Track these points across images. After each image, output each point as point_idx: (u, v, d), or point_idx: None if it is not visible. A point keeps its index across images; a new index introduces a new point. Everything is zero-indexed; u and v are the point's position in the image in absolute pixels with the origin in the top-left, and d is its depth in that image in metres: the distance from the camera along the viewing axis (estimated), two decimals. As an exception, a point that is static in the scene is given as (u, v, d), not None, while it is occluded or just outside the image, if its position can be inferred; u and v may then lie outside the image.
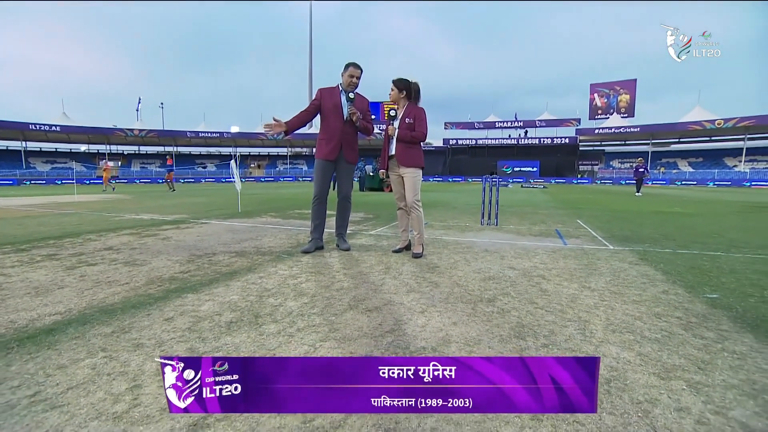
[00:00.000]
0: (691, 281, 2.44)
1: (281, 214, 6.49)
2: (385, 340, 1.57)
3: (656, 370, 1.32)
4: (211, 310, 1.92)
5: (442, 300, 2.10)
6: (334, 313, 1.88)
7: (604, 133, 46.98)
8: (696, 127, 40.28)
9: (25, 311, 1.90)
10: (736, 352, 1.46)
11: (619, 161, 48.17)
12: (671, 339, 1.58)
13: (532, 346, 1.51)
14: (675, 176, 40.63)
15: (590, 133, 48.11)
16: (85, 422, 1.06)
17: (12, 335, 1.62)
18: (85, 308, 1.94)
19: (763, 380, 1.26)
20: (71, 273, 2.62)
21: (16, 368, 1.34)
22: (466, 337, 1.60)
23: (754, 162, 40.43)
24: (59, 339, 1.58)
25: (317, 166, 3.38)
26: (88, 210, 7.36)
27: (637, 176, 15.31)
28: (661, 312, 1.89)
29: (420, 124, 3.17)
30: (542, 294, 2.19)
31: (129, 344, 1.54)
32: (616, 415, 1.07)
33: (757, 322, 1.76)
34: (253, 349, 1.49)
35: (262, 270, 2.73)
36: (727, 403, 1.14)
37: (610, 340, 1.56)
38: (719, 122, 38.76)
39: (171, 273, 2.64)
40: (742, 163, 40.30)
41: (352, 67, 3.29)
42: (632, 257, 3.15)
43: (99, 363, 1.38)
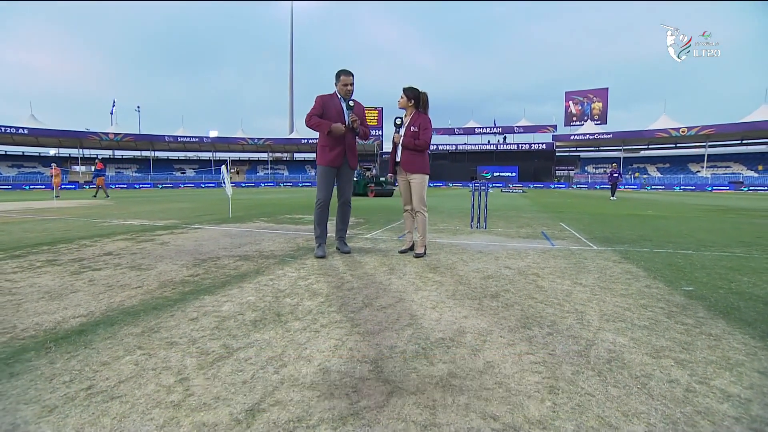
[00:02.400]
0: (669, 276, 2.69)
1: (273, 219, 6.53)
2: (405, 333, 1.70)
3: (648, 351, 1.52)
4: (233, 310, 2.01)
5: (449, 297, 2.25)
6: (351, 311, 2.00)
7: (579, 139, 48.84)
8: (663, 134, 42.50)
9: (47, 314, 1.94)
10: (712, 335, 1.68)
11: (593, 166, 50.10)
12: (657, 325, 1.79)
13: (538, 335, 1.68)
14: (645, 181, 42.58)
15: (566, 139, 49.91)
16: (147, 410, 1.14)
17: (44, 336, 1.66)
18: (107, 311, 1.99)
19: (736, 356, 1.47)
20: (78, 278, 2.64)
21: (61, 365, 1.41)
22: (478, 329, 1.76)
23: (715, 168, 42.95)
24: (92, 339, 1.64)
25: (322, 173, 3.47)
26: (70, 216, 7.16)
27: (612, 181, 16.03)
28: (646, 303, 2.11)
29: (424, 133, 3.35)
30: (539, 290, 2.38)
31: (163, 342, 1.62)
32: (619, 387, 1.25)
33: (727, 310, 1.99)
34: (285, 344, 1.60)
35: (271, 272, 2.82)
36: (709, 374, 1.33)
37: (605, 328, 1.76)
38: (683, 130, 41.02)
39: (181, 276, 2.69)
40: (704, 169, 42.70)
41: (344, 75, 3.38)
42: (615, 256, 3.40)
43: (140, 360, 1.46)
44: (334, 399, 1.18)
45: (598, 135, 47.05)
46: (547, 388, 1.25)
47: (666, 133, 42.16)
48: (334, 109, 3.40)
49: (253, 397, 1.19)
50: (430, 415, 1.10)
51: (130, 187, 40.18)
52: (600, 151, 52.17)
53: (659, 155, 49.06)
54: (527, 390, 1.24)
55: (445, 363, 1.42)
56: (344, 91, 3.40)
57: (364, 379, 1.31)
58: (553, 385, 1.27)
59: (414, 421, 1.07)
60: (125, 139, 47.36)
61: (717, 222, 6.62)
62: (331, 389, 1.24)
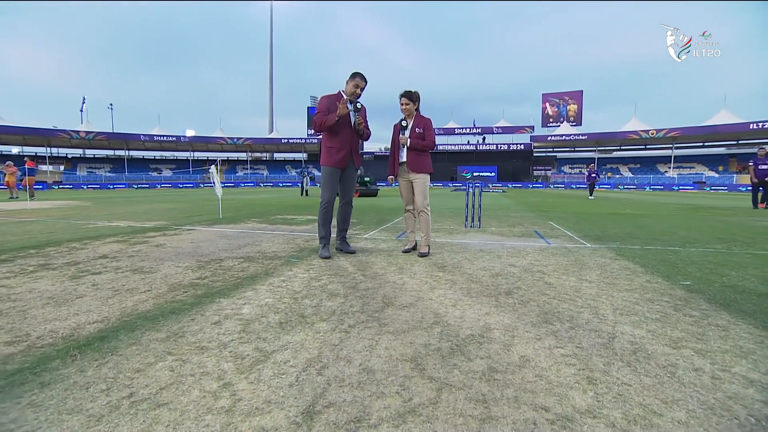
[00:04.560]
0: (665, 272, 2.84)
1: (265, 220, 6.44)
2: (434, 331, 1.74)
3: (666, 342, 1.61)
4: (254, 312, 1.99)
5: (465, 295, 2.30)
6: (374, 310, 2.02)
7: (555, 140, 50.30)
8: (633, 136, 44.35)
9: (58, 321, 1.86)
10: (719, 326, 1.79)
11: (569, 167, 51.71)
12: (668, 318, 1.89)
13: (561, 329, 1.75)
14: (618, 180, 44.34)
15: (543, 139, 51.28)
16: (199, 416, 1.13)
17: (63, 344, 1.60)
18: (122, 316, 1.93)
19: (747, 345, 1.58)
20: (79, 282, 2.54)
21: (92, 373, 1.36)
22: (503, 324, 1.81)
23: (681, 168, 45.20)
24: (117, 346, 1.59)
25: (328, 174, 3.48)
26: (49, 217, 6.82)
27: (590, 181, 16.61)
28: (651, 297, 2.23)
29: (429, 134, 3.41)
30: (549, 287, 2.47)
31: (192, 347, 1.59)
32: (651, 377, 1.32)
33: (727, 302, 2.13)
34: (318, 345, 1.60)
35: (280, 274, 2.80)
36: (728, 362, 1.43)
37: (621, 321, 1.85)
38: (652, 132, 42.95)
39: (188, 279, 2.64)
40: (671, 169, 44.86)
41: (359, 78, 3.42)
42: (610, 254, 3.55)
43: (175, 366, 1.43)
44: (386, 398, 1.20)
45: (574, 136, 48.62)
46: (585, 380, 1.31)
47: (636, 134, 44.03)
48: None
49: (304, 400, 1.20)
50: (485, 408, 1.14)
51: (103, 187, 38.48)
52: (576, 152, 53.90)
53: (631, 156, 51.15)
54: (567, 381, 1.30)
55: (482, 358, 1.47)
56: (352, 92, 3.40)
57: (409, 377, 1.33)
58: (589, 376, 1.33)
59: (471, 416, 1.11)
60: (97, 137, 45.32)
61: (691, 220, 6.98)
62: (380, 388, 1.26)
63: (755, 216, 7.78)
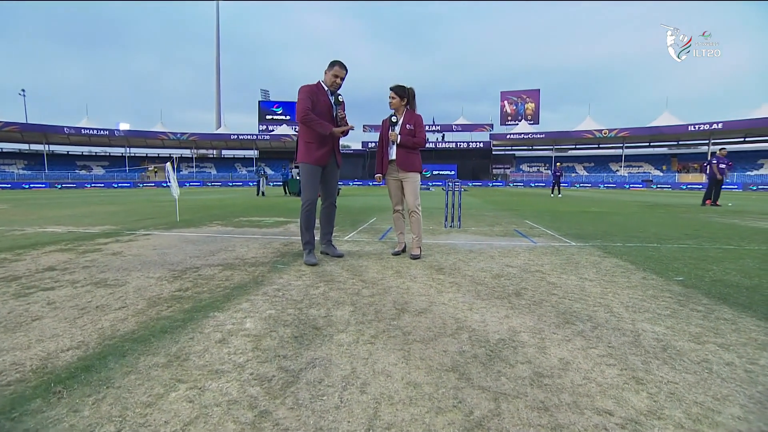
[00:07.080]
0: (655, 268, 2.97)
1: (229, 223, 6.10)
2: (462, 337, 1.68)
3: (689, 338, 1.65)
4: (260, 326, 1.83)
5: (475, 297, 2.26)
6: (390, 318, 1.93)
7: (514, 138, 52.15)
8: (588, 135, 47.11)
9: (18, 351, 1.56)
10: (727, 319, 1.87)
11: (528, 165, 53.95)
12: (679, 313, 1.96)
13: (585, 329, 1.76)
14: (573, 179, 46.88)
15: (502, 138, 52.97)
16: (239, 453, 0.99)
17: (36, 379, 1.35)
18: (102, 339, 1.67)
19: (760, 337, 1.66)
20: (28, 301, 2.18)
21: (91, 413, 1.15)
22: (527, 327, 1.79)
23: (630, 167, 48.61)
24: (109, 376, 1.37)
25: (308, 171, 3.23)
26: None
27: (555, 179, 17.42)
28: (654, 294, 2.30)
29: (420, 131, 3.32)
30: (554, 286, 2.49)
31: (204, 372, 1.41)
32: (691, 373, 1.34)
33: (723, 296, 2.25)
34: (348, 360, 1.48)
35: (271, 282, 2.61)
36: (752, 355, 1.49)
37: (637, 319, 1.88)
38: (605, 132, 45.85)
39: (168, 292, 2.38)
40: (622, 168, 48.14)
41: (338, 66, 3.20)
42: (598, 251, 3.68)
43: (192, 395, 1.26)
44: (446, 413, 1.12)
45: (532, 134, 50.63)
46: (632, 380, 1.30)
47: (591, 134, 46.78)
48: (323, 103, 3.20)
49: (359, 423, 1.09)
50: (550, 417, 1.09)
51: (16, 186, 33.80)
52: (533, 150, 56.24)
53: (586, 155, 54.26)
54: (615, 383, 1.28)
55: (523, 363, 1.42)
56: (332, 83, 3.20)
57: (459, 388, 1.26)
58: (634, 376, 1.33)
59: (540, 425, 1.05)
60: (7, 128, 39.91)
61: (654, 217, 7.46)
62: (435, 403, 1.17)
63: (706, 212, 8.46)
